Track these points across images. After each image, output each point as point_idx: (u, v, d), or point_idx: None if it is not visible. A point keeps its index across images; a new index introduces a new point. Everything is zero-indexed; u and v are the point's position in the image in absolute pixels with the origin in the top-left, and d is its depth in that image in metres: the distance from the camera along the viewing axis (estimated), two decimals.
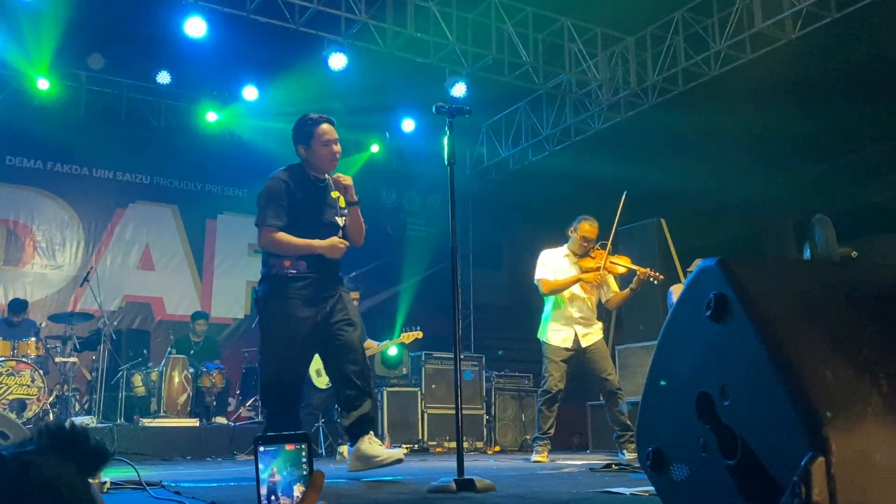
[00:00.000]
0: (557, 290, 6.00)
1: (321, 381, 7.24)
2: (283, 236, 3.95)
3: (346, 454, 7.01)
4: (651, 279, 5.83)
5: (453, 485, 3.21)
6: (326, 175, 4.17)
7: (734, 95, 8.20)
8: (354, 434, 4.03)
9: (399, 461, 3.99)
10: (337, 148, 4.11)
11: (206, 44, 8.14)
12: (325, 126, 4.10)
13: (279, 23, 7.78)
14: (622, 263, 6.05)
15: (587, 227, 6.05)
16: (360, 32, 8.16)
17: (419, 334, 7.78)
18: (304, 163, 4.15)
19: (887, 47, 7.29)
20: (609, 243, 5.96)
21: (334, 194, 4.14)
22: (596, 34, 8.97)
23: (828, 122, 7.94)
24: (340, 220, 4.14)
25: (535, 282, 6.10)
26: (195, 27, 7.85)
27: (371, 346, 7.68)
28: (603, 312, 6.32)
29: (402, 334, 7.81)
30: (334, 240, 3.97)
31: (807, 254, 5.41)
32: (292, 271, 3.96)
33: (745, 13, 7.80)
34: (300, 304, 3.93)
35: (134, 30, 8.60)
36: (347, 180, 4.05)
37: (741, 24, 7.88)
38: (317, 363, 7.27)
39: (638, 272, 5.83)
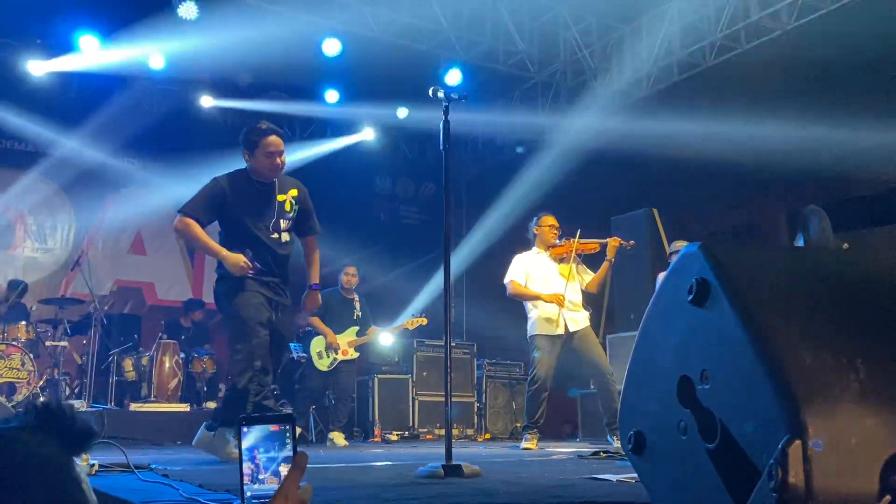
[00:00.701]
0: (519, 297, 6.16)
1: (323, 363, 7.25)
2: (193, 226, 4.18)
3: (336, 440, 7.06)
4: (624, 247, 5.98)
5: (441, 470, 3.23)
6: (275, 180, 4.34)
7: (729, 86, 8.21)
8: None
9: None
10: (281, 160, 4.24)
11: (199, 27, 8.10)
12: (272, 138, 4.24)
13: (273, 7, 7.75)
14: (592, 242, 6.14)
15: (549, 218, 6.26)
16: (355, 18, 8.13)
17: (423, 320, 7.73)
18: (248, 167, 4.31)
19: (884, 38, 7.29)
20: (578, 232, 6.07)
21: (280, 198, 4.29)
22: (591, 23, 8.95)
23: (822, 112, 7.95)
24: (284, 223, 4.29)
25: (505, 282, 6.19)
26: (188, 10, 7.81)
27: (374, 331, 7.64)
28: (589, 301, 6.34)
29: (406, 320, 7.75)
30: (240, 259, 4.09)
31: (800, 243, 5.43)
32: (249, 272, 4.13)
33: (741, 3, 7.80)
34: (259, 299, 4.14)
35: (127, 12, 8.55)
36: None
37: (736, 14, 7.88)
38: (318, 345, 7.31)
39: (609, 242, 5.95)
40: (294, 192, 4.37)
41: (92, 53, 8.83)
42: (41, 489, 0.89)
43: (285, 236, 4.29)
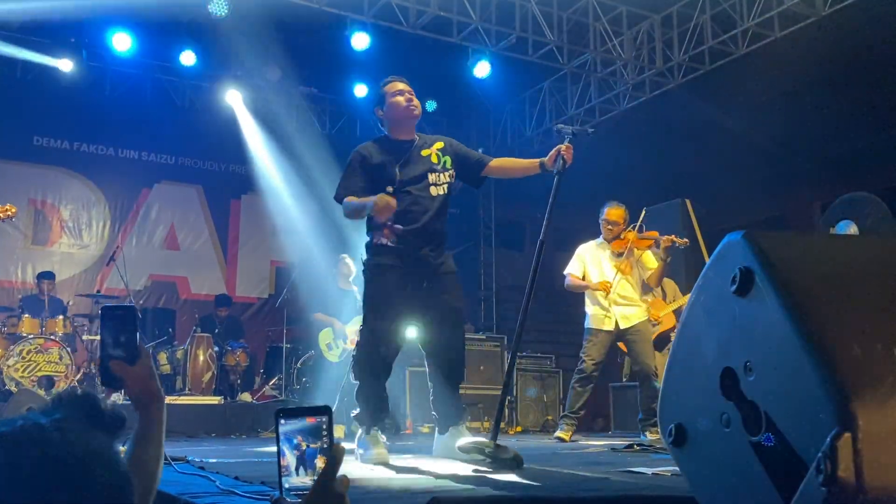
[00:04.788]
0: (573, 289, 6.19)
1: (332, 355, 7.26)
2: (347, 202, 3.86)
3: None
4: (676, 245, 5.92)
5: (489, 442, 3.29)
6: (416, 135, 4.07)
7: (762, 74, 8.07)
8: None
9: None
10: (415, 102, 3.98)
11: (229, 24, 8.15)
12: (394, 81, 4.03)
13: (302, 2, 7.76)
14: (649, 237, 6.09)
15: (611, 211, 6.13)
16: (384, 11, 8.12)
17: None
18: (386, 127, 4.04)
19: None
20: (638, 223, 6.04)
21: (425, 152, 4.03)
22: (621, 12, 8.85)
23: (858, 100, 7.80)
24: (433, 176, 3.99)
25: (564, 273, 6.23)
26: (218, 7, 7.85)
27: None
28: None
29: None
30: (382, 197, 3.69)
31: (840, 231, 5.32)
32: (392, 239, 3.85)
33: None
34: (397, 276, 3.84)
35: (159, 10, 8.63)
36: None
37: (769, 1, 7.74)
38: (326, 338, 7.32)
39: (661, 241, 5.90)
40: (439, 145, 4.09)
41: (124, 51, 8.94)
42: (93, 478, 0.89)
43: (434, 189, 3.97)
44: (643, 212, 6.14)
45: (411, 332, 8.05)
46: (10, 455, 0.85)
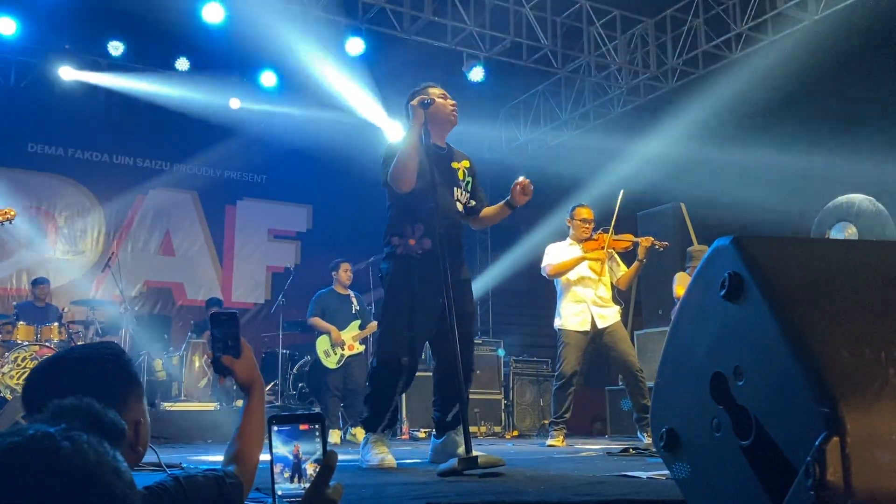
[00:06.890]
0: (562, 270, 6.04)
1: (330, 361, 7.25)
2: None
3: (357, 436, 7.05)
4: (656, 247, 5.91)
5: (458, 464, 3.17)
6: (446, 144, 4.04)
7: (755, 78, 8.10)
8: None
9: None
10: (454, 105, 3.95)
11: (224, 30, 8.15)
12: (436, 87, 3.97)
13: (297, 7, 7.78)
14: (625, 238, 6.08)
15: (582, 211, 6.16)
16: (378, 17, 8.15)
17: None
18: (424, 128, 3.85)
19: None
20: (611, 226, 6.01)
21: (455, 165, 4.01)
22: (615, 17, 8.89)
23: (850, 103, 7.82)
24: (458, 192, 3.98)
25: (542, 271, 6.16)
26: (213, 13, 7.86)
27: (375, 326, 7.60)
28: (621, 297, 6.31)
29: None
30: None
31: (839, 234, 5.33)
32: (418, 251, 3.79)
33: None
34: (419, 286, 3.75)
35: (153, 17, 8.64)
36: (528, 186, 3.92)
37: (762, 5, 7.78)
38: (323, 344, 7.30)
39: (641, 242, 5.89)
40: (466, 164, 4.07)
41: (120, 58, 8.95)
42: (103, 487, 0.89)
43: (459, 206, 3.98)
44: (620, 195, 6.11)
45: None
46: (23, 465, 0.86)
